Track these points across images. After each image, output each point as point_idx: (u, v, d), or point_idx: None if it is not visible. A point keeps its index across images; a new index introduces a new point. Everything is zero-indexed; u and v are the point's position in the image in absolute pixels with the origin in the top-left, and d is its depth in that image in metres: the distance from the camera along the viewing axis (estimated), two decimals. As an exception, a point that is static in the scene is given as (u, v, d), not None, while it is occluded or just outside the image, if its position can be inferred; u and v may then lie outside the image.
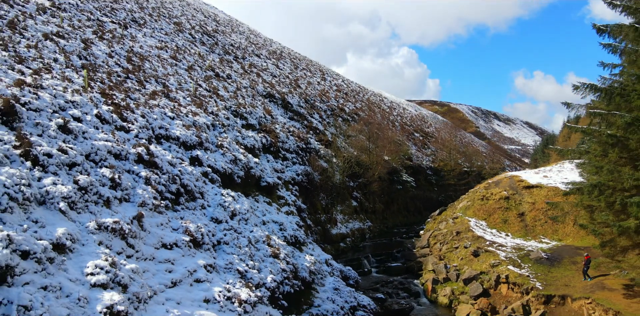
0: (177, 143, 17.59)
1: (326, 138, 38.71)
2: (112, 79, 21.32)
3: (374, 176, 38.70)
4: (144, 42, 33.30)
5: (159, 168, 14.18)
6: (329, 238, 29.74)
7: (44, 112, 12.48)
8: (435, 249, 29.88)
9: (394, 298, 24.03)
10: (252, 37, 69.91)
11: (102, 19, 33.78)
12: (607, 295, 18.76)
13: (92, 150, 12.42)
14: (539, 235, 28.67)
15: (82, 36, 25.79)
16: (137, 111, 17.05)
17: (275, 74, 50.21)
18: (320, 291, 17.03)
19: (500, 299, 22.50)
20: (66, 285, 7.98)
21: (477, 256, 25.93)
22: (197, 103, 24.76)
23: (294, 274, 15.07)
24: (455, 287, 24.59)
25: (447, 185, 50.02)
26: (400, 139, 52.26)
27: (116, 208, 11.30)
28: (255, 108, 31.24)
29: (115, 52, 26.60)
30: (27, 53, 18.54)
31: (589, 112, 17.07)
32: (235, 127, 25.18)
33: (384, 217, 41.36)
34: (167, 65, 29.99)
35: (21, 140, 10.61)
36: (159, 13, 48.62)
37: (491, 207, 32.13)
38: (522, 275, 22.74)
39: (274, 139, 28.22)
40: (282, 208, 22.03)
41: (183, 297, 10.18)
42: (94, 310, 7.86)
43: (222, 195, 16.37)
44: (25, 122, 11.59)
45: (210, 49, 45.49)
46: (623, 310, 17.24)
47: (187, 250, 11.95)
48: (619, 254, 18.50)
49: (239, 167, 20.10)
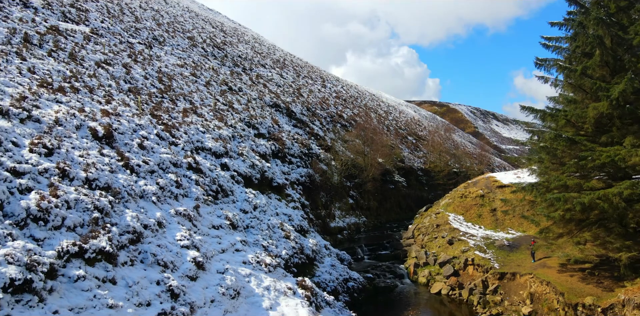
0: (210, 153, 23.14)
1: (326, 144, 44.24)
2: (153, 100, 26.87)
3: (369, 177, 44.23)
4: (167, 61, 38.83)
5: (203, 173, 19.72)
6: (328, 231, 35.23)
7: (126, 134, 18.04)
8: (419, 239, 35.40)
9: (381, 278, 29.56)
10: (256, 46, 75.38)
11: (131, 40, 39.33)
12: (545, 271, 24.23)
13: (160, 161, 17.96)
14: (507, 227, 34.14)
15: (121, 61, 31.33)
16: (180, 129, 22.60)
17: (279, 83, 55.73)
18: (320, 267, 22.59)
19: (467, 278, 28.02)
20: (168, 245, 13.49)
21: (451, 245, 31.45)
22: (219, 117, 30.31)
23: (301, 251, 20.63)
24: (432, 269, 30.13)
25: (436, 184, 55.47)
26: (394, 143, 57.79)
27: (181, 201, 16.83)
28: (264, 119, 36.78)
29: (149, 73, 32.13)
30: (91, 82, 24.08)
31: (526, 129, 22.58)
32: (249, 137, 30.73)
33: (377, 213, 46.83)
34: (189, 83, 35.50)
35: (120, 155, 16.15)
36: (173, 28, 54.15)
37: (468, 204, 37.62)
38: (485, 258, 28.25)
39: (281, 146, 33.76)
40: (290, 204, 27.56)
41: (229, 259, 15.71)
42: (185, 259, 13.39)
43: (246, 193, 21.92)
44: (118, 142, 17.13)
45: (221, 62, 51.00)
46: (553, 281, 22.72)
47: (228, 230, 17.48)
48: (554, 239, 23.92)
49: (256, 170, 25.65)
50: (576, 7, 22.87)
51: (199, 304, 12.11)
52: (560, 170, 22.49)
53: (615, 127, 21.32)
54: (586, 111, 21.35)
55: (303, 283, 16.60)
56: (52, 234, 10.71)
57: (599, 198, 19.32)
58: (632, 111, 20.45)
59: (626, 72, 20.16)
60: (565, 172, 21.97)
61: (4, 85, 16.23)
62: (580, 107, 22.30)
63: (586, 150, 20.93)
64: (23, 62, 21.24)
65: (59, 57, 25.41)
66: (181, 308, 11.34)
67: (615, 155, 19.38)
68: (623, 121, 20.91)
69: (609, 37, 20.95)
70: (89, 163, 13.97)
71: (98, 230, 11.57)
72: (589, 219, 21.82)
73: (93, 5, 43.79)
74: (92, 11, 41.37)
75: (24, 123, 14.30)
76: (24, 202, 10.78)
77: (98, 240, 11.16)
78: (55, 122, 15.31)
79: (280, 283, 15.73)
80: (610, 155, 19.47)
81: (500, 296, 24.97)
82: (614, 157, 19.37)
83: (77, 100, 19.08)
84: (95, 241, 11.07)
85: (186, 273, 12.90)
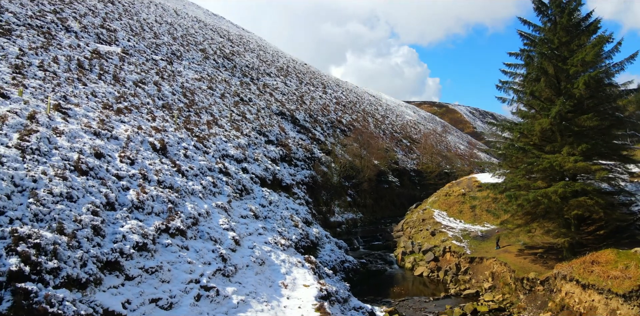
0: (233, 159, 29.05)
1: (326, 148, 50.13)
2: (182, 114, 32.77)
3: (365, 177, 50.11)
4: (187, 76, 44.73)
5: (230, 176, 25.61)
6: (328, 224, 41.11)
7: (174, 146, 23.94)
8: (407, 232, 41.27)
9: (373, 263, 35.48)
10: (261, 54, 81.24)
11: (154, 57, 45.24)
12: (505, 255, 30.06)
13: (200, 167, 23.85)
14: (483, 221, 39.95)
15: (152, 79, 37.23)
16: (209, 140, 28.52)
17: (284, 91, 61.63)
18: (322, 251, 28.50)
19: (445, 262, 33.88)
20: (215, 227, 19.37)
21: (433, 235, 37.33)
22: (235, 127, 36.21)
23: (306, 237, 26.53)
24: (417, 256, 36.01)
25: (428, 184, 61.28)
26: (389, 146, 63.67)
27: (218, 197, 22.73)
28: (272, 127, 42.69)
29: (175, 89, 38.01)
30: (134, 101, 29.95)
31: (488, 140, 28.40)
32: (261, 144, 36.63)
33: (373, 210, 52.72)
34: (208, 96, 41.40)
35: (173, 163, 22.05)
36: (187, 41, 60.04)
37: (452, 201, 43.48)
38: (460, 246, 34.12)
39: (288, 151, 39.66)
40: (296, 201, 33.45)
41: (255, 240, 21.61)
42: (227, 237, 19.27)
43: (262, 191, 27.83)
44: (169, 153, 23.04)
45: (231, 73, 56.89)
46: (509, 262, 28.56)
47: (252, 219, 23.38)
48: (511, 229, 29.72)
49: (269, 173, 31.55)
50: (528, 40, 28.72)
51: (239, 266, 18.00)
52: (514, 173, 28.30)
53: (558, 138, 27.15)
54: (534, 126, 27.15)
55: (309, 259, 22.49)
56: (147, 217, 16.59)
57: (541, 195, 25.13)
58: (567, 127, 26.32)
59: (563, 96, 25.94)
60: (518, 174, 27.78)
61: (86, 111, 22.12)
62: (531, 122, 28.11)
63: (533, 157, 26.74)
64: (85, 87, 27.13)
65: (106, 79, 31.32)
66: (229, 267, 17.24)
67: (554, 162, 25.22)
68: (562, 134, 26.73)
69: (552, 67, 26.80)
70: (157, 169, 19.88)
71: (173, 215, 17.46)
72: (536, 212, 27.62)
73: (118, 24, 49.69)
74: (119, 30, 47.27)
75: (110, 141, 20.19)
76: (128, 196, 16.68)
77: (175, 221, 17.06)
78: (127, 139, 21.20)
79: (292, 258, 21.63)
80: (550, 161, 25.30)
81: (469, 276, 30.86)
82: (553, 163, 25.21)
83: (133, 119, 25.00)
84: (173, 222, 16.98)
85: (229, 246, 18.79)
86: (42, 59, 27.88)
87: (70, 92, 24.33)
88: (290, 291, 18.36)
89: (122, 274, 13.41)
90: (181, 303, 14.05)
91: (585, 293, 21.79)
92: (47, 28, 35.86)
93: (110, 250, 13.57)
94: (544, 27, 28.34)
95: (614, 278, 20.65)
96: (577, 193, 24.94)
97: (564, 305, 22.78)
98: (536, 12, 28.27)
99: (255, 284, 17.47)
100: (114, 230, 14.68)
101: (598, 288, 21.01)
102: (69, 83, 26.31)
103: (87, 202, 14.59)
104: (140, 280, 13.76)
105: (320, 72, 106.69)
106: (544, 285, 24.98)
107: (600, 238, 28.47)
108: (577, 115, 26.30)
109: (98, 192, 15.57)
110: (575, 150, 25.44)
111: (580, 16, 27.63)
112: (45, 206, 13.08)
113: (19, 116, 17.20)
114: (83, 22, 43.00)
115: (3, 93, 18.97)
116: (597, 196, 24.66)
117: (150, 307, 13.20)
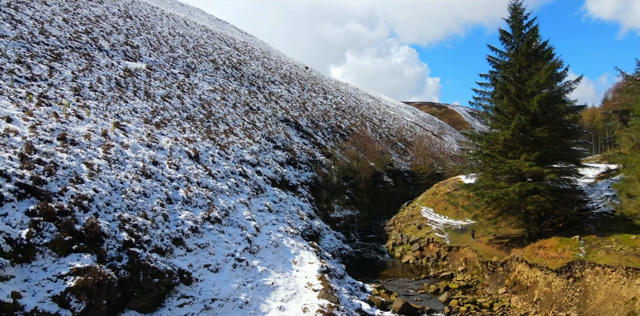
0: (248, 163, 35.19)
1: (327, 151, 56.29)
2: (204, 125, 38.91)
3: (362, 178, 56.27)
4: (203, 88, 50.89)
5: (248, 178, 31.77)
6: (328, 220, 47.26)
7: (204, 154, 30.09)
8: (398, 226, 47.39)
9: (367, 253, 41.62)
10: (265, 61, 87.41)
11: (173, 70, 51.42)
12: (477, 245, 36.15)
13: (224, 170, 30.00)
14: (464, 217, 46.02)
15: (175, 93, 43.38)
16: (229, 148, 34.68)
17: (288, 98, 67.79)
18: (323, 240, 34.68)
19: (428, 251, 39.99)
20: (241, 218, 25.50)
21: (420, 229, 43.45)
22: (248, 135, 42.37)
23: (310, 227, 32.69)
24: (405, 247, 42.13)
25: (420, 184, 67.42)
26: (384, 149, 69.86)
27: (240, 195, 28.87)
28: (279, 134, 48.84)
29: (194, 101, 44.16)
30: (165, 114, 36.07)
31: (461, 148, 34.45)
32: (270, 149, 42.81)
33: (370, 208, 58.88)
34: (222, 107, 47.55)
35: (205, 168, 28.22)
36: (199, 53, 66.22)
37: (438, 199, 49.60)
38: (442, 237, 40.24)
39: (293, 155, 45.82)
40: (301, 199, 39.61)
41: (270, 228, 27.77)
42: (250, 226, 25.42)
43: (274, 190, 34.00)
44: (201, 160, 29.19)
45: (240, 83, 63.06)
46: (480, 250, 34.65)
47: (267, 212, 29.52)
48: (482, 222, 35.79)
49: (278, 175, 37.71)
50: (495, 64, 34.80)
51: (261, 247, 24.15)
52: (484, 175, 34.40)
53: (519, 147, 33.21)
54: (498, 136, 33.23)
55: (313, 244, 28.66)
56: (194, 209, 22.74)
57: (502, 193, 31.22)
58: (524, 137, 32.40)
59: (521, 112, 32.00)
60: (486, 176, 33.88)
61: (136, 127, 28.29)
62: (496, 132, 34.19)
63: (498, 162, 32.82)
64: (127, 104, 33.30)
65: (140, 96, 37.50)
66: (253, 247, 23.40)
67: (513, 166, 31.30)
68: (521, 143, 32.79)
69: (513, 87, 32.89)
70: (195, 173, 26.04)
71: (211, 208, 23.62)
72: (501, 208, 33.70)
73: (139, 40, 55.87)
74: (141, 46, 53.45)
75: (158, 151, 26.34)
76: (179, 193, 22.82)
77: (213, 212, 23.22)
78: (170, 149, 27.37)
79: (299, 243, 27.80)
80: (511, 165, 31.38)
81: (447, 262, 36.98)
82: (513, 167, 31.29)
83: (170, 132, 31.18)
84: (212, 213, 23.14)
85: (252, 232, 24.94)
86: (90, 81, 34.04)
87: (119, 110, 30.52)
88: (298, 266, 24.52)
89: (184, 247, 19.57)
90: (223, 268, 20.21)
91: (531, 270, 27.88)
92: (85, 49, 42.03)
93: (175, 231, 19.74)
94: (508, 53, 34.41)
95: (551, 258, 26.75)
96: (531, 191, 30.99)
97: (516, 281, 28.84)
98: (501, 41, 34.37)
99: (272, 260, 23.65)
100: (175, 217, 20.85)
101: (540, 266, 27.10)
102: (115, 101, 32.47)
103: (155, 198, 20.76)
104: (196, 251, 19.92)
105: (321, 74, 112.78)
106: (503, 266, 31.08)
107: (557, 229, 34.56)
108: (533, 127, 32.33)
109: (160, 191, 21.75)
110: (531, 156, 31.48)
111: (538, 45, 33.69)
112: (132, 200, 19.24)
113: (96, 133, 23.37)
114: (110, 40, 49.18)
115: (79, 115, 25.13)
116: (548, 194, 30.69)
117: (204, 270, 19.35)
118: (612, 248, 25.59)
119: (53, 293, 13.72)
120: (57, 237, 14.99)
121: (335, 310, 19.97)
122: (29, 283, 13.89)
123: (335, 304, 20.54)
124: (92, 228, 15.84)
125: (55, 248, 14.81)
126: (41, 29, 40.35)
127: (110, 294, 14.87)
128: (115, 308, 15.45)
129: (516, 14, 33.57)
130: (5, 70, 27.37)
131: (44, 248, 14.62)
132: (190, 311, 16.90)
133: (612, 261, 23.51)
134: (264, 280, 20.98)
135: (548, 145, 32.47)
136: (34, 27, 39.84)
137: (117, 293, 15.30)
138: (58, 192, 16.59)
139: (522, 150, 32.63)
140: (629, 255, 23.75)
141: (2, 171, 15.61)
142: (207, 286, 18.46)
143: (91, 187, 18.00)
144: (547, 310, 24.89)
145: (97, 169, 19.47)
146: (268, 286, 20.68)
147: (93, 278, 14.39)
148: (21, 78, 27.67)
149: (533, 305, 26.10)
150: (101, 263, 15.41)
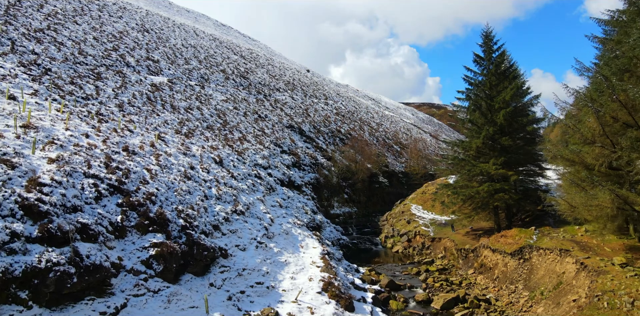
0: (261, 167, 42.06)
1: (327, 154, 63.15)
2: (222, 133, 45.76)
3: (359, 179, 63.12)
4: (217, 98, 57.75)
5: (262, 179, 38.63)
6: (329, 216, 54.14)
7: (225, 160, 36.97)
8: (390, 221, 54.23)
9: (362, 244, 48.48)
10: (270, 69, 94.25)
11: (190, 82, 58.29)
12: (456, 236, 42.95)
13: (243, 173, 36.86)
14: (449, 213, 52.81)
15: (195, 104, 50.25)
16: (245, 153, 41.55)
17: (292, 105, 74.64)
18: (324, 231, 41.59)
19: (415, 242, 46.83)
20: (258, 211, 32.35)
21: (409, 223, 50.30)
22: (259, 141, 49.24)
23: (313, 221, 39.57)
24: (395, 239, 48.98)
25: (414, 184, 74.22)
26: (381, 151, 76.71)
27: (256, 193, 35.74)
28: (285, 139, 55.71)
29: (211, 112, 51.02)
30: (190, 124, 42.90)
31: (440, 153, 41.33)
32: (278, 154, 49.69)
33: (366, 206, 65.74)
34: (235, 116, 54.42)
35: (228, 171, 35.11)
36: (210, 63, 73.08)
37: (426, 198, 56.44)
38: (427, 230, 47.09)
39: (297, 159, 52.69)
40: (305, 197, 46.49)
41: (281, 220, 34.67)
42: (266, 217, 32.28)
43: (282, 190, 40.89)
44: (224, 164, 36.06)
45: (248, 91, 69.93)
46: (457, 240, 41.47)
47: (278, 208, 36.37)
48: (459, 217, 42.56)
49: (285, 176, 44.59)
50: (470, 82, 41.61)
51: (275, 234, 31.04)
52: (460, 176, 41.22)
53: (489, 153, 40.02)
54: (472, 144, 40.04)
55: (316, 233, 35.55)
56: (224, 204, 29.61)
57: (473, 192, 38.06)
58: (492, 145, 39.20)
59: (489, 123, 38.81)
60: (462, 177, 40.70)
61: (172, 138, 35.17)
62: (470, 140, 40.98)
63: (471, 165, 39.64)
64: (159, 117, 40.16)
65: (167, 109, 44.37)
66: (270, 233, 30.28)
67: (483, 169, 38.11)
68: (490, 149, 39.62)
69: (484, 103, 39.70)
70: (221, 175, 32.91)
71: (237, 203, 30.49)
72: (474, 204, 40.53)
73: (157, 54, 62.74)
74: (160, 60, 60.33)
75: (192, 158, 33.20)
76: (212, 192, 29.68)
77: (238, 206, 30.10)
78: (200, 156, 34.24)
79: (305, 232, 34.68)
80: (481, 168, 38.19)
81: (430, 251, 43.82)
82: (482, 170, 38.10)
83: (197, 141, 38.07)
84: (237, 207, 30.02)
85: (268, 222, 31.80)
86: (127, 97, 40.92)
87: (155, 123, 37.43)
88: (304, 250, 31.40)
89: (220, 232, 26.44)
90: (249, 248, 27.09)
91: (494, 255, 34.70)
92: (116, 66, 48.93)
93: (213, 219, 26.62)
94: (481, 73, 41.21)
95: (509, 244, 33.57)
96: (498, 190, 37.81)
97: (482, 264, 35.64)
98: (474, 63, 41.18)
99: (284, 244, 30.54)
100: (212, 210, 27.73)
101: (500, 251, 33.92)
102: (150, 115, 39.35)
103: (197, 195, 27.65)
104: (228, 235, 26.80)
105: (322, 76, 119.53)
106: (473, 252, 37.89)
107: (525, 222, 41.36)
108: (500, 136, 39.15)
109: (199, 190, 28.63)
110: (498, 161, 38.30)
111: (506, 66, 40.47)
112: (182, 196, 26.12)
113: (146, 144, 30.25)
114: (135, 55, 56.06)
115: (129, 129, 32.03)
116: (512, 193, 37.49)
117: (235, 249, 26.23)
118: (556, 236, 32.39)
119: (141, 259, 20.60)
120: (139, 222, 21.88)
121: (333, 280, 26.82)
122: (125, 252, 20.77)
123: (333, 276, 27.41)
124: (161, 216, 22.73)
125: (138, 228, 21.71)
126: (79, 49, 47.24)
127: (176, 261, 21.75)
128: (178, 271, 22.33)
129: (487, 40, 40.36)
130: (66, 92, 34.25)
131: (131, 229, 21.52)
132: (228, 276, 23.78)
133: (551, 245, 30.32)
134: (279, 258, 27.87)
135: (513, 152, 39.28)
136: (73, 48, 46.72)
137: (180, 261, 22.19)
138: (134, 190, 23.48)
139: (491, 156, 39.42)
140: (565, 240, 30.57)
141: (98, 175, 22.50)
142: (239, 260, 25.35)
143: (154, 186, 24.89)
144: (502, 284, 31.74)
145: (155, 173, 26.37)
146: (282, 262, 27.55)
147: (165, 249, 21.27)
148: (79, 98, 34.56)
149: (493, 281, 32.93)
150: (168, 240, 22.29)
